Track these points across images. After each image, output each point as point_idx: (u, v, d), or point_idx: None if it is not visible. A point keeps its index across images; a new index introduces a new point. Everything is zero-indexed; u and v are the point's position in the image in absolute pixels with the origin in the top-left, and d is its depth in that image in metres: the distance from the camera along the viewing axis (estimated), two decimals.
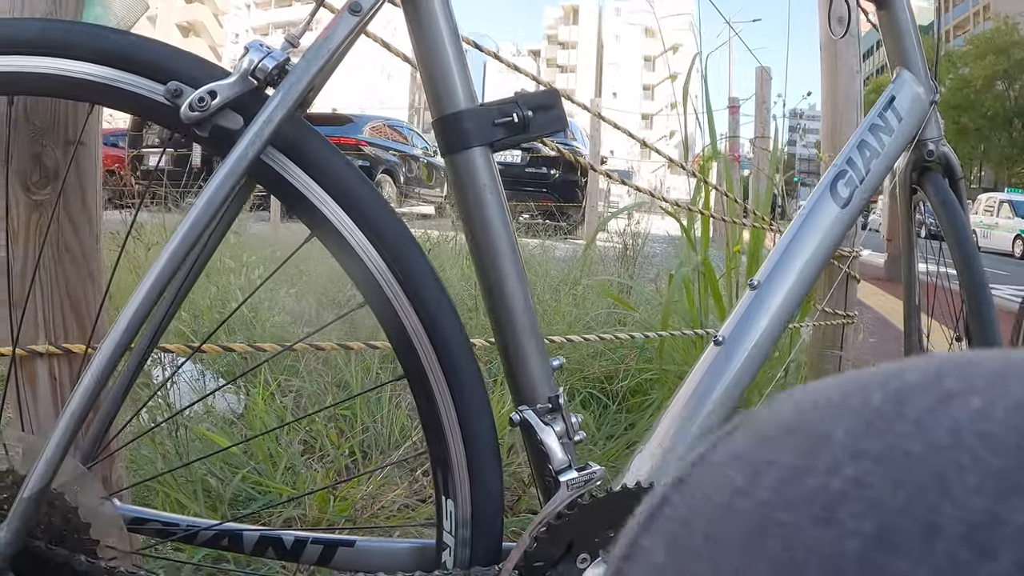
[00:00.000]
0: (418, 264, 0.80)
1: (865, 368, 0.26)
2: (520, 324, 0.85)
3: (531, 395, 0.86)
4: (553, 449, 0.82)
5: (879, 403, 0.23)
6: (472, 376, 0.82)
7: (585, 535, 0.82)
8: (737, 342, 0.98)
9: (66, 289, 0.91)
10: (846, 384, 0.25)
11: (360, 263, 0.78)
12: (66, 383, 0.92)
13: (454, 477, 0.82)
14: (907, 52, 1.23)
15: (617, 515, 0.83)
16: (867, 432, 0.22)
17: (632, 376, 2.35)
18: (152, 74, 0.72)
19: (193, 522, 0.88)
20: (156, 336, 0.82)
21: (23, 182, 0.87)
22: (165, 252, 0.71)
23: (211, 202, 0.72)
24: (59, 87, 0.71)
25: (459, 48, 0.83)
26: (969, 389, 0.22)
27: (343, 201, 0.78)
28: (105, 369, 0.70)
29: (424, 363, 0.80)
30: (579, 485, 0.82)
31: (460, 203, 0.84)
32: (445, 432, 0.81)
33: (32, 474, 0.69)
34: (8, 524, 0.69)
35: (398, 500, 1.65)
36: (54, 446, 0.69)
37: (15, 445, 0.75)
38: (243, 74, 0.73)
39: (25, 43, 0.70)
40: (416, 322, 0.79)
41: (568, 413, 0.86)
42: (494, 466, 0.83)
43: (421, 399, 0.82)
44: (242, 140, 0.72)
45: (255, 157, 0.73)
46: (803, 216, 1.07)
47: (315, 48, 0.77)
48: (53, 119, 0.88)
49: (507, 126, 0.82)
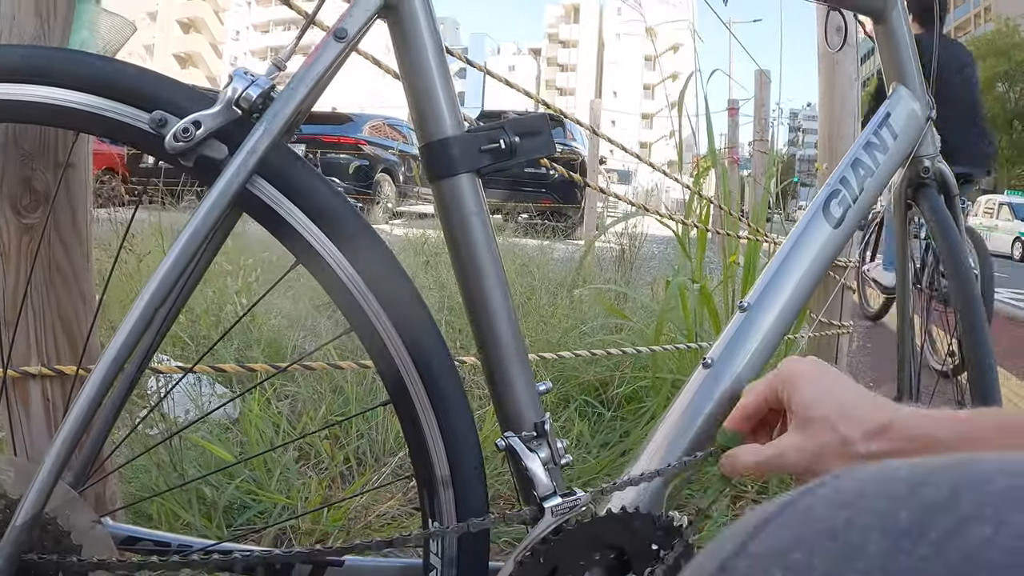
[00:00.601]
0: (403, 290, 0.80)
1: (892, 463, 0.30)
2: (506, 350, 0.85)
3: (517, 421, 0.86)
4: (538, 475, 0.82)
5: (906, 523, 0.25)
6: (457, 400, 0.82)
7: (569, 560, 0.82)
8: (726, 365, 0.97)
9: (57, 310, 0.91)
10: (878, 491, 0.28)
11: (345, 290, 0.78)
12: (59, 404, 0.92)
13: (439, 499, 0.83)
14: (903, 67, 1.22)
15: (602, 540, 0.83)
16: (895, 551, 0.25)
17: (627, 384, 2.35)
18: (137, 102, 0.72)
19: (185, 541, 0.88)
20: (146, 358, 0.82)
21: (13, 205, 0.87)
22: (153, 280, 0.71)
23: (196, 233, 0.72)
24: (44, 115, 0.71)
25: (446, 73, 0.83)
26: (981, 515, 0.24)
27: (328, 229, 0.78)
28: (96, 395, 0.70)
29: (409, 388, 0.81)
30: (563, 511, 0.82)
31: (446, 228, 0.84)
32: (431, 455, 0.82)
33: (25, 501, 0.69)
34: (1, 549, 0.69)
35: (391, 511, 1.65)
36: (46, 472, 0.69)
37: (6, 469, 0.75)
38: (227, 103, 0.73)
39: (8, 70, 0.70)
40: (401, 347, 0.80)
41: (553, 439, 0.86)
42: (479, 489, 0.84)
43: (406, 423, 0.82)
44: (227, 171, 0.72)
45: (240, 187, 0.73)
46: (795, 237, 1.06)
47: (300, 75, 0.76)
48: (43, 143, 0.88)
49: (494, 152, 0.82)
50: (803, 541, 0.28)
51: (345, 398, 2.21)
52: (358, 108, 15.30)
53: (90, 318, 0.95)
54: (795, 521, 0.29)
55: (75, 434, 0.70)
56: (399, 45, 0.82)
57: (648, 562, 0.84)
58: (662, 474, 0.88)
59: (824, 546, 0.27)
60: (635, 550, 0.84)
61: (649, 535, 0.84)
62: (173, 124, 0.71)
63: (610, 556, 0.84)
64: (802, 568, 0.26)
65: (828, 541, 0.27)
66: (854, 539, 0.26)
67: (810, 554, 0.27)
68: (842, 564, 0.25)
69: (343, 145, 10.99)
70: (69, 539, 0.75)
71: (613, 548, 0.84)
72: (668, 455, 0.92)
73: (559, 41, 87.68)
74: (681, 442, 0.93)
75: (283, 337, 2.76)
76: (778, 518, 0.30)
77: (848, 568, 0.25)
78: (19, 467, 0.75)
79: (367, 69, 0.95)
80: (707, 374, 0.96)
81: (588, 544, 0.82)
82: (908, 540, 0.25)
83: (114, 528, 0.86)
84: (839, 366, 2.09)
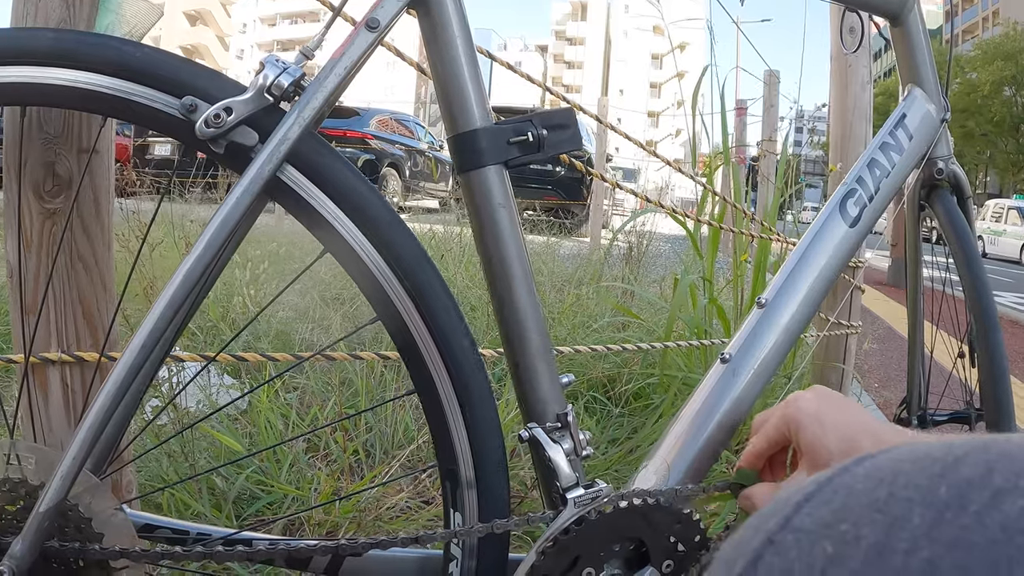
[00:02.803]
0: (430, 281, 0.80)
1: (922, 445, 0.32)
2: (531, 342, 0.85)
3: (540, 412, 0.86)
4: (561, 466, 0.83)
5: (946, 496, 0.28)
6: (483, 393, 0.82)
7: (590, 550, 0.82)
8: (743, 360, 0.98)
9: (79, 297, 0.91)
10: (915, 469, 0.30)
11: (373, 280, 0.79)
12: (78, 391, 0.92)
13: (462, 490, 0.83)
14: (919, 69, 1.23)
15: (622, 531, 0.84)
16: (938, 521, 0.27)
17: (635, 380, 2.35)
18: (167, 88, 0.71)
19: (204, 529, 0.89)
20: (168, 347, 0.83)
21: (36, 190, 0.87)
22: (181, 270, 0.71)
23: (227, 220, 0.72)
24: (72, 99, 0.71)
25: (475, 66, 0.83)
26: (1016, 487, 0.27)
27: (356, 218, 0.78)
28: (124, 382, 0.70)
29: (435, 379, 0.81)
30: (586, 502, 0.83)
31: (473, 220, 0.84)
32: (455, 447, 0.82)
33: (48, 488, 0.69)
34: (24, 536, 0.69)
35: (400, 503, 1.65)
36: (71, 460, 0.69)
37: (27, 456, 0.75)
38: (259, 90, 0.73)
39: (38, 53, 0.70)
40: (428, 338, 0.80)
41: (576, 430, 0.86)
42: (502, 480, 0.84)
43: (432, 415, 0.82)
44: (258, 158, 0.72)
45: (271, 175, 0.73)
46: (812, 235, 1.07)
47: (331, 65, 0.76)
48: (67, 127, 0.88)
49: (522, 145, 0.82)
50: (849, 514, 0.29)
51: (354, 390, 2.21)
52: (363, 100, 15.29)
53: (111, 306, 0.95)
54: (838, 497, 0.31)
55: (101, 421, 0.70)
56: (429, 37, 0.82)
57: (666, 554, 0.85)
58: (682, 495, 0.88)
59: (871, 517, 0.28)
60: (654, 542, 0.84)
61: (668, 527, 0.85)
62: (203, 110, 0.71)
63: (629, 547, 0.84)
64: (851, 539, 0.28)
65: (875, 513, 0.29)
66: (899, 511, 0.28)
67: (857, 525, 0.28)
68: (890, 534, 0.27)
69: (349, 139, 10.97)
70: (90, 526, 0.75)
71: (632, 539, 0.84)
72: (687, 448, 0.94)
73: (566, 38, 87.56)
74: (700, 435, 0.94)
75: (291, 329, 2.76)
76: (819, 495, 0.32)
77: (896, 537, 0.27)
78: (40, 454, 0.76)
79: (383, 66, 0.95)
80: (725, 369, 0.98)
81: (609, 535, 0.83)
82: (950, 512, 0.27)
83: (133, 516, 0.86)
84: (847, 366, 2.09)
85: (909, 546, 0.26)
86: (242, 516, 1.57)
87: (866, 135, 2.00)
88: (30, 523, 0.69)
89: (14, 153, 0.86)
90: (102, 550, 0.74)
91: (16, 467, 0.74)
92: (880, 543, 0.27)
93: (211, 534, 0.88)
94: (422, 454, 1.89)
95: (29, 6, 0.88)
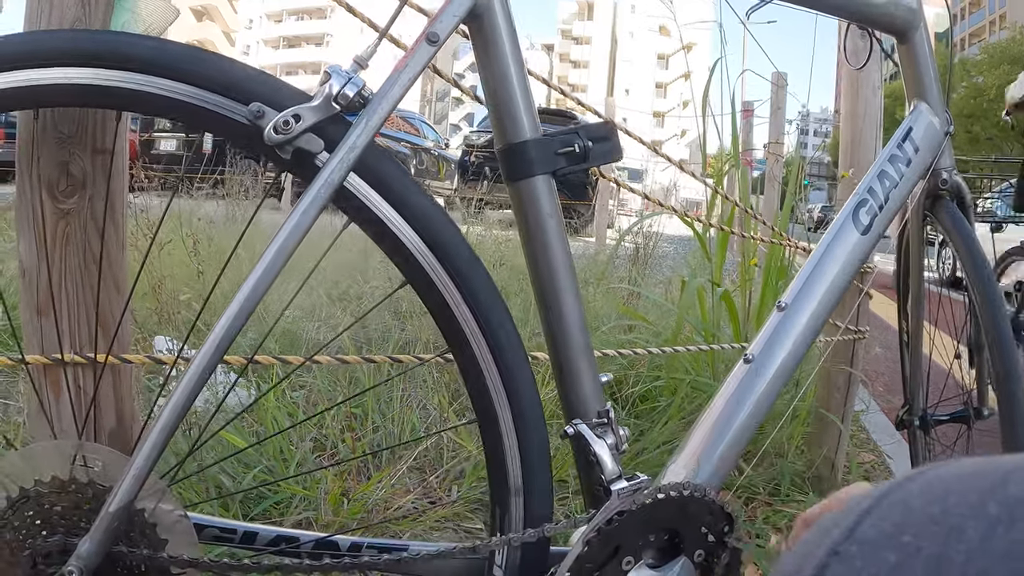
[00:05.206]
0: (496, 308, 0.84)
1: (969, 463, 0.34)
2: (575, 343, 0.90)
3: (583, 409, 0.91)
4: (605, 460, 0.88)
5: (996, 512, 0.30)
6: (531, 396, 0.86)
7: (631, 540, 0.87)
8: (766, 360, 1.04)
9: (92, 296, 0.91)
10: (966, 486, 0.32)
11: (435, 290, 0.82)
12: (89, 391, 0.92)
13: (509, 489, 0.87)
14: (925, 85, 1.28)
15: (660, 521, 0.89)
16: (991, 535, 0.29)
17: (642, 383, 2.35)
18: (234, 94, 0.73)
19: (250, 528, 0.91)
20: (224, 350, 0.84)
21: (50, 190, 0.87)
22: (254, 275, 0.72)
23: (299, 227, 0.73)
24: (152, 104, 0.72)
25: (524, 79, 0.86)
26: None
27: (418, 227, 0.80)
28: (196, 385, 0.72)
29: (498, 411, 0.85)
30: (628, 494, 0.87)
31: (522, 227, 0.88)
32: (506, 459, 0.86)
33: (119, 488, 0.70)
34: (92, 536, 0.70)
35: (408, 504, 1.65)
36: (143, 461, 0.70)
37: (94, 457, 0.75)
38: (326, 99, 0.74)
39: (124, 58, 0.71)
40: (495, 372, 0.84)
41: (617, 426, 0.91)
42: (546, 477, 0.88)
43: (486, 426, 0.86)
44: (327, 166, 0.74)
45: (339, 183, 0.75)
46: (827, 241, 1.13)
47: (395, 76, 0.78)
48: (80, 127, 0.87)
49: (568, 156, 0.86)
50: (909, 526, 0.32)
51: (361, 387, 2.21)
52: None
53: (123, 306, 0.95)
54: (896, 511, 0.33)
55: (173, 423, 0.71)
56: (481, 51, 0.85)
57: (698, 544, 0.91)
58: None
59: (930, 530, 0.31)
60: (688, 532, 0.90)
61: (701, 518, 0.91)
62: (271, 117, 0.73)
63: (664, 538, 0.90)
64: (912, 550, 0.30)
65: (932, 526, 0.31)
66: (955, 524, 0.30)
67: (918, 537, 0.31)
68: (948, 545, 0.29)
69: None
70: (155, 532, 0.76)
71: (668, 530, 0.90)
72: (714, 444, 1.00)
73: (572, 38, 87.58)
74: (726, 432, 1.01)
75: (298, 328, 2.76)
76: (877, 508, 0.34)
77: (953, 549, 0.29)
78: (106, 456, 0.76)
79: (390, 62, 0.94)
80: (748, 369, 1.04)
81: (649, 525, 0.88)
82: (1001, 526, 0.29)
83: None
84: (855, 370, 2.09)
85: (965, 558, 0.29)
86: (248, 515, 1.57)
87: (876, 141, 2.00)
88: (98, 523, 0.70)
89: (28, 152, 0.86)
90: (171, 558, 0.75)
91: (83, 468, 0.75)
92: (939, 554, 0.29)
93: (258, 532, 0.91)
94: (429, 456, 1.90)
95: (44, 4, 0.87)
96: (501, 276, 3.62)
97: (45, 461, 0.74)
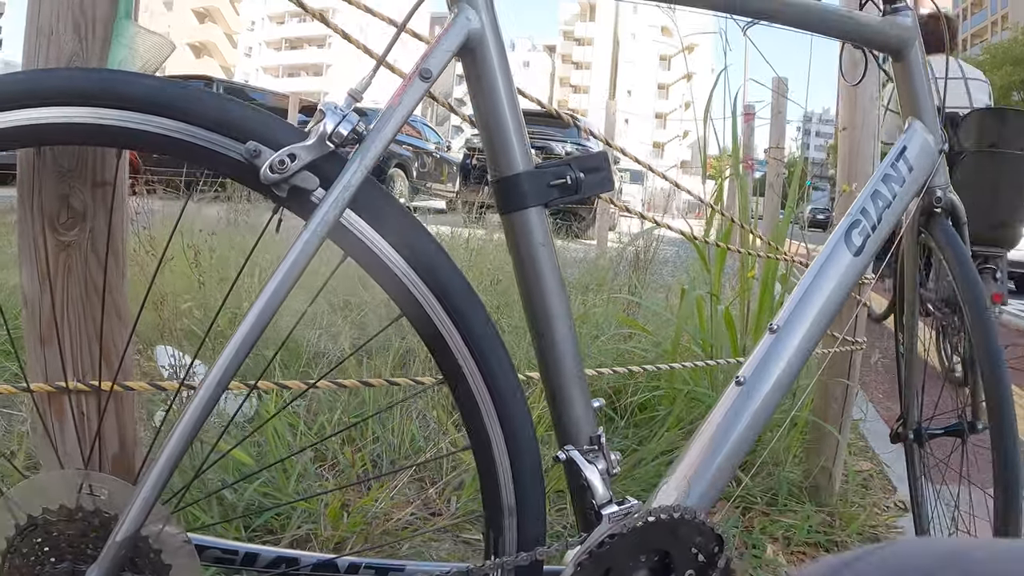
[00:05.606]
0: (486, 332, 0.85)
1: (921, 545, 0.40)
2: (568, 371, 0.92)
3: (575, 435, 0.93)
4: (596, 485, 0.90)
5: None
6: (523, 419, 0.88)
7: (622, 561, 0.89)
8: (758, 382, 1.05)
9: (94, 326, 0.92)
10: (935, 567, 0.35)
11: (430, 324, 0.83)
12: (92, 418, 0.94)
13: (502, 511, 0.88)
14: (920, 103, 1.28)
15: (650, 543, 0.91)
16: None
17: (640, 392, 2.36)
18: (232, 133, 0.75)
19: (251, 549, 0.93)
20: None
21: (51, 223, 0.89)
22: (255, 310, 0.74)
23: (296, 263, 0.75)
24: (151, 142, 0.73)
25: (517, 110, 0.88)
26: None
27: (415, 263, 0.82)
28: (201, 416, 0.73)
29: (490, 435, 0.86)
30: (619, 517, 0.89)
31: (515, 257, 0.90)
32: (499, 480, 0.87)
33: (125, 517, 0.71)
34: (100, 564, 0.71)
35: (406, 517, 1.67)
36: (148, 490, 0.71)
37: (100, 487, 0.76)
38: (320, 138, 0.76)
39: (129, 98, 0.72)
40: (488, 398, 0.85)
41: (608, 451, 0.93)
42: (539, 498, 0.90)
43: (477, 445, 0.88)
44: (323, 204, 0.75)
45: (335, 220, 0.76)
46: (819, 264, 1.13)
47: (387, 114, 0.80)
48: (80, 161, 0.89)
49: (561, 187, 0.88)
50: None
51: (361, 399, 2.22)
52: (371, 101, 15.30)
53: (124, 334, 0.96)
54: None
55: (179, 453, 0.73)
56: (474, 84, 0.87)
57: (688, 564, 0.92)
58: None
59: None
60: (678, 553, 0.91)
61: (691, 540, 0.92)
62: (267, 155, 0.74)
63: (655, 559, 0.91)
64: None
65: None
66: None
67: None
68: None
69: None
70: (160, 558, 0.77)
71: (658, 551, 0.91)
72: (705, 466, 1.01)
73: (574, 39, 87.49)
74: (717, 454, 1.01)
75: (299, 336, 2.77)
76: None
77: None
78: (111, 485, 0.77)
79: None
80: (740, 391, 1.05)
81: (639, 547, 0.90)
82: None
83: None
84: (852, 381, 2.10)
85: None
86: (250, 527, 1.59)
87: (874, 152, 2.01)
88: (106, 552, 0.71)
89: (28, 185, 0.87)
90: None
91: (89, 496, 0.76)
92: None
93: (259, 554, 0.93)
94: (429, 467, 1.91)
95: (42, 39, 0.88)
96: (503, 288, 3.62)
97: (53, 490, 0.75)
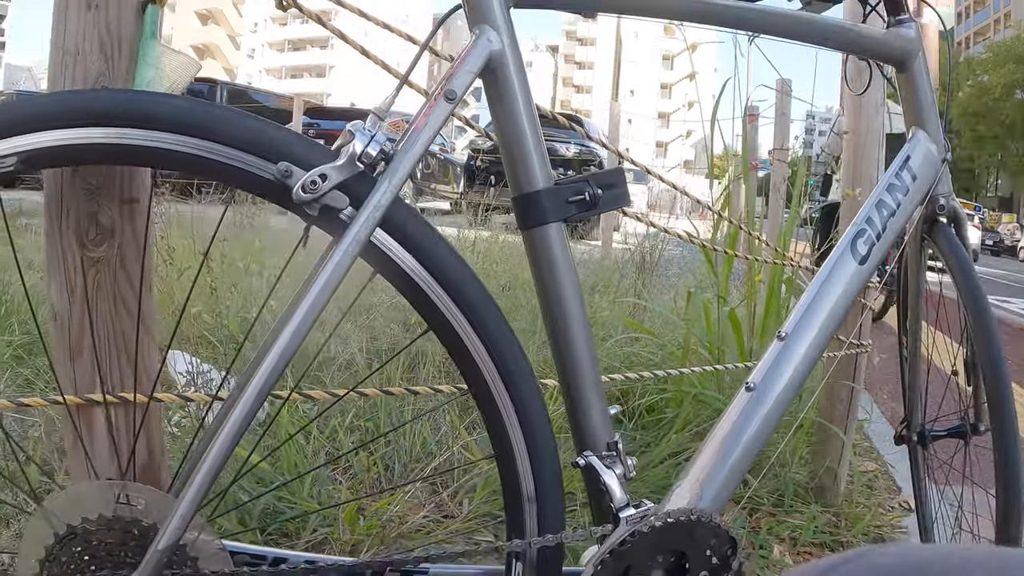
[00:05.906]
0: (510, 345, 0.88)
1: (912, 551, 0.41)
2: (586, 379, 0.94)
3: (593, 441, 0.96)
4: (614, 489, 0.93)
5: None
6: (542, 420, 0.90)
7: (640, 562, 0.92)
8: (767, 388, 1.07)
9: (123, 340, 0.95)
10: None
11: (460, 342, 0.86)
12: (122, 429, 0.96)
13: (524, 517, 0.91)
14: (923, 113, 1.29)
15: (667, 544, 0.94)
16: None
17: (648, 394, 2.38)
18: (264, 153, 0.76)
19: (279, 553, 0.97)
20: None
21: (80, 239, 0.91)
22: (289, 327, 0.76)
23: (329, 283, 0.77)
24: (183, 162, 0.75)
25: (536, 129, 0.90)
26: None
27: (442, 280, 0.84)
28: (240, 429, 0.75)
29: (514, 447, 0.89)
30: (636, 520, 0.92)
31: (535, 271, 0.93)
32: (519, 474, 0.90)
33: (166, 528, 0.73)
34: (141, 573, 0.73)
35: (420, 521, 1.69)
36: (189, 502, 0.73)
37: (136, 496, 0.79)
38: (350, 158, 0.78)
39: (165, 120, 0.74)
40: (511, 408, 0.88)
41: (624, 456, 0.96)
42: (558, 501, 0.92)
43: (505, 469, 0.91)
44: (354, 224, 0.77)
45: (366, 239, 0.78)
46: (826, 272, 1.15)
47: (414, 136, 0.82)
48: (108, 179, 0.91)
49: (579, 203, 0.91)
50: None
51: (372, 402, 2.24)
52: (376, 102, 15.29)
53: (151, 345, 0.99)
54: None
55: (219, 464, 0.75)
56: (495, 103, 0.89)
57: (703, 565, 0.95)
58: None
59: None
60: (693, 554, 0.94)
61: (706, 541, 0.95)
62: (298, 176, 0.76)
63: (671, 560, 0.94)
64: None
65: None
66: None
67: None
68: None
69: None
70: (196, 566, 0.79)
71: (674, 552, 0.94)
72: (717, 469, 1.03)
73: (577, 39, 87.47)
74: (728, 458, 1.04)
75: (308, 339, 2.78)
76: None
77: None
78: (149, 496, 0.79)
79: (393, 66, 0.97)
80: (749, 397, 1.07)
81: (656, 548, 0.93)
82: None
83: None
84: (857, 383, 2.12)
85: None
86: (265, 530, 1.61)
87: (879, 158, 2.03)
88: (147, 561, 0.73)
89: (56, 202, 0.89)
90: None
91: (126, 506, 0.78)
92: None
93: (287, 558, 0.96)
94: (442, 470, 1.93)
95: (68, 59, 0.90)
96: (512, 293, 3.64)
97: (89, 500, 0.77)
